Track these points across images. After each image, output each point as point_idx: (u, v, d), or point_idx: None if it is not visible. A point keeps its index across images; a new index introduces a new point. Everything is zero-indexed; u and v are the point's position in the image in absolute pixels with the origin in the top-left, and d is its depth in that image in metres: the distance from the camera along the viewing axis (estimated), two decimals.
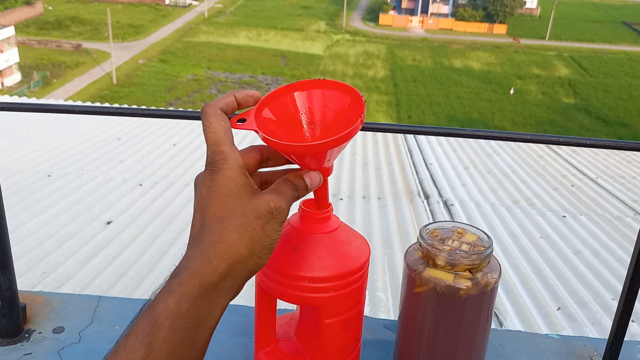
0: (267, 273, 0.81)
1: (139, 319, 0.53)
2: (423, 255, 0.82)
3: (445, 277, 0.79)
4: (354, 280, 0.79)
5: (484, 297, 0.80)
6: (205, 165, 0.60)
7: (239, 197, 0.58)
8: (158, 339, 0.52)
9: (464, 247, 0.82)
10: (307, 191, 0.63)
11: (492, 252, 0.81)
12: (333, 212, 0.81)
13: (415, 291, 0.82)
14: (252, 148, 0.63)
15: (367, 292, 2.92)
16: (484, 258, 0.79)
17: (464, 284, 0.79)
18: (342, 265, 0.78)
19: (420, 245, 0.83)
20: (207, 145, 0.60)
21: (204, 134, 0.60)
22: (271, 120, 0.67)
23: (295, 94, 0.69)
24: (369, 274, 0.87)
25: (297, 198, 0.62)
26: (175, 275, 0.56)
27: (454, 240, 0.83)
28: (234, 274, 0.56)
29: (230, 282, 0.56)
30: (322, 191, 0.76)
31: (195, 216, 0.60)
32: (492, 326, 0.90)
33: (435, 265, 0.80)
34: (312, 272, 0.77)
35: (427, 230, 0.85)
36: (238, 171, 0.59)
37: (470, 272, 0.79)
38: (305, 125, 0.68)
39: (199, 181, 0.61)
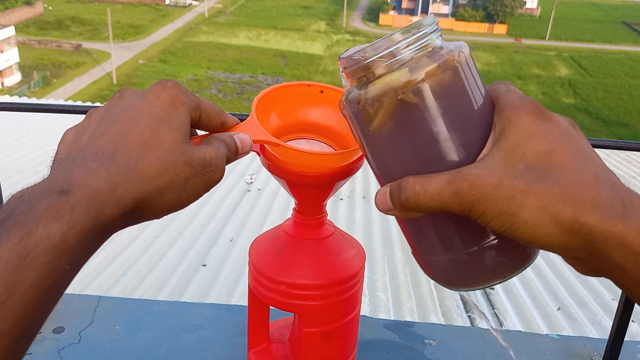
0: (253, 273, 0.80)
1: (1, 243, 0.36)
2: (357, 86, 0.49)
3: (399, 76, 0.47)
4: (337, 292, 0.78)
5: (458, 72, 0.48)
6: (155, 88, 0.49)
7: (177, 132, 0.47)
8: (25, 281, 0.35)
9: (397, 36, 0.48)
10: (237, 154, 0.54)
11: (438, 30, 0.49)
12: (332, 215, 0.80)
13: (372, 129, 0.48)
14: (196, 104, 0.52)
15: (367, 292, 2.93)
16: (428, 36, 0.48)
17: (425, 68, 0.47)
18: (324, 275, 0.77)
19: (345, 75, 0.50)
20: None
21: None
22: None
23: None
24: (370, 274, 0.86)
25: (228, 159, 0.53)
26: (64, 190, 0.39)
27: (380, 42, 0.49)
28: (130, 213, 0.43)
29: (122, 223, 0.43)
30: (313, 197, 0.76)
31: (105, 123, 0.46)
32: (492, 326, 0.90)
33: (378, 77, 0.48)
34: (290, 278, 0.76)
35: (345, 57, 0.50)
36: (188, 115, 0.49)
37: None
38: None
39: (137, 95, 0.49)
